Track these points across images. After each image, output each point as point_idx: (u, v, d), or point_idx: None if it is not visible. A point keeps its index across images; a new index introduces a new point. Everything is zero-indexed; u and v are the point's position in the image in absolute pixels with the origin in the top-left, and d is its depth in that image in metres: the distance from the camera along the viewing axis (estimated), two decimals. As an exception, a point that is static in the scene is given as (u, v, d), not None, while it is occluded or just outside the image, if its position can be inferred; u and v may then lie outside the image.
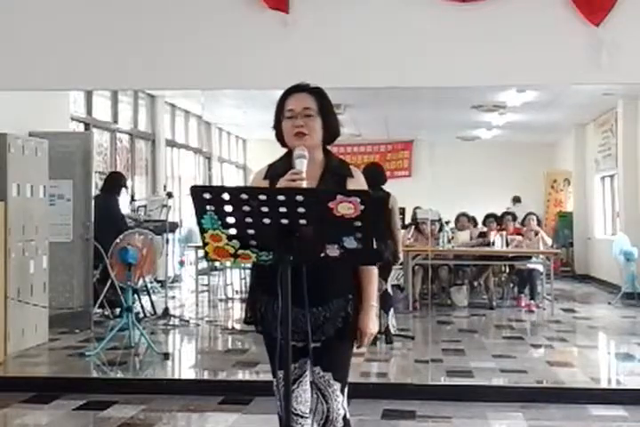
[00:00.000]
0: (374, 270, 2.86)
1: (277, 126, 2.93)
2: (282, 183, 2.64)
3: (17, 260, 6.79)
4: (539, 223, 10.78)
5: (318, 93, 2.91)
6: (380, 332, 7.16)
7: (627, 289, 10.71)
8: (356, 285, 2.84)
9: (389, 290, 7.51)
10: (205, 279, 11.36)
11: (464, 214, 11.69)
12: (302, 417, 2.90)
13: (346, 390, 2.87)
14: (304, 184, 2.61)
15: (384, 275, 7.06)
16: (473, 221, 11.81)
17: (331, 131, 2.90)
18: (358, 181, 2.87)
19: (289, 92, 2.92)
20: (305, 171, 2.66)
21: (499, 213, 11.36)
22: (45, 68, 5.73)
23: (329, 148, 2.98)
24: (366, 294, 2.84)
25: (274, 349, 2.81)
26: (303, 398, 2.89)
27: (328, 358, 2.84)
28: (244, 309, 2.95)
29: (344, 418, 2.85)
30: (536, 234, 10.33)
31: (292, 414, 2.81)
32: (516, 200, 14.45)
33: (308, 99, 2.87)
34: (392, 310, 7.51)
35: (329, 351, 2.82)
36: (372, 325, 2.84)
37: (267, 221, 2.32)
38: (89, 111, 10.11)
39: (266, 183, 2.81)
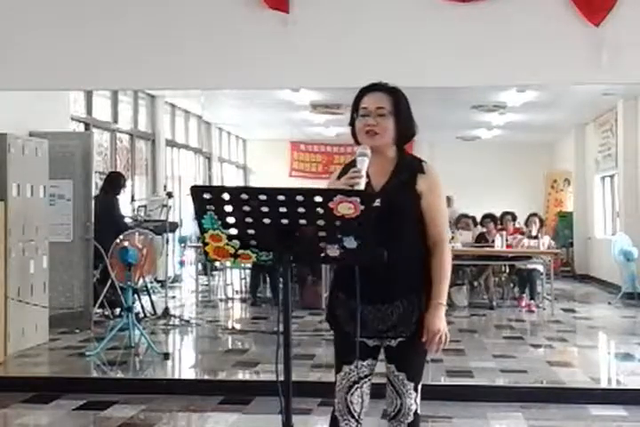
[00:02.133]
0: (447, 267, 2.82)
1: (352, 124, 2.93)
2: (342, 181, 2.68)
3: (17, 260, 6.79)
4: (541, 225, 10.77)
5: (394, 93, 2.91)
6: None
7: (627, 289, 10.71)
8: (427, 283, 2.81)
9: None
10: (205, 279, 11.37)
11: (465, 215, 11.69)
12: (355, 419, 2.88)
13: (419, 387, 2.89)
14: (362, 182, 2.63)
15: None
16: (473, 220, 11.83)
17: (404, 131, 2.89)
18: (430, 177, 2.86)
19: (365, 91, 2.94)
20: (365, 169, 2.69)
21: (497, 214, 11.36)
22: (45, 68, 5.73)
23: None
24: (435, 291, 2.79)
25: (343, 345, 2.86)
26: (361, 398, 2.87)
27: (402, 358, 2.85)
28: (326, 307, 2.98)
29: (415, 412, 2.88)
30: (535, 237, 10.33)
31: (346, 412, 2.86)
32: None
33: (383, 98, 2.88)
34: None
35: (403, 351, 2.84)
36: (438, 322, 2.77)
37: (267, 221, 2.32)
38: (89, 111, 10.12)
39: (339, 182, 2.79)
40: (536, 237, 10.30)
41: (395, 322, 2.78)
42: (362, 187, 2.63)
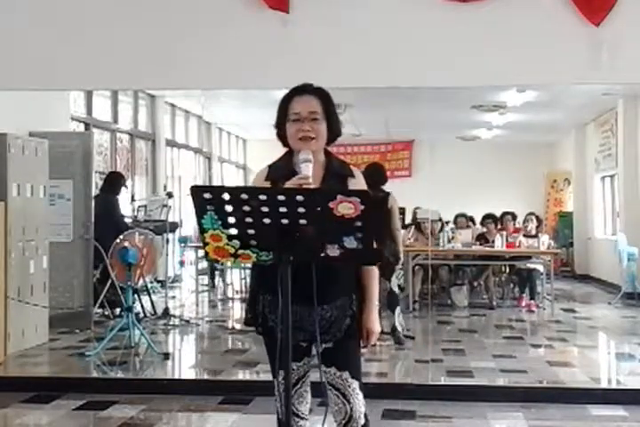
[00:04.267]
0: (375, 270, 2.88)
1: (280, 127, 2.89)
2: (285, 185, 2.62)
3: (17, 260, 6.79)
4: (539, 223, 10.78)
5: (323, 95, 2.89)
6: (386, 332, 7.14)
7: (627, 289, 10.71)
8: (358, 284, 2.87)
9: (395, 289, 7.48)
10: (205, 279, 11.37)
11: (462, 215, 11.68)
12: (302, 418, 2.91)
13: (361, 387, 2.88)
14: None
15: (386, 275, 7.05)
16: (472, 221, 11.82)
17: (334, 132, 2.90)
18: (359, 182, 2.89)
19: (293, 94, 2.88)
20: (311, 175, 2.65)
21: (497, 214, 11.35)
22: (45, 68, 5.73)
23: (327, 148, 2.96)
24: (369, 293, 2.87)
25: (275, 349, 2.80)
26: (305, 398, 2.91)
27: (342, 358, 2.85)
28: (245, 309, 2.96)
29: (364, 415, 2.87)
30: (535, 236, 10.33)
31: (292, 414, 2.82)
32: None
33: (314, 102, 2.85)
34: (398, 309, 7.49)
35: (341, 351, 2.84)
36: (377, 324, 2.88)
37: (267, 221, 2.32)
38: (89, 111, 10.11)
39: (267, 185, 2.80)
40: (534, 236, 10.31)
41: (329, 324, 2.79)
42: None
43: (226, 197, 2.31)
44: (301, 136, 2.80)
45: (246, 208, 2.30)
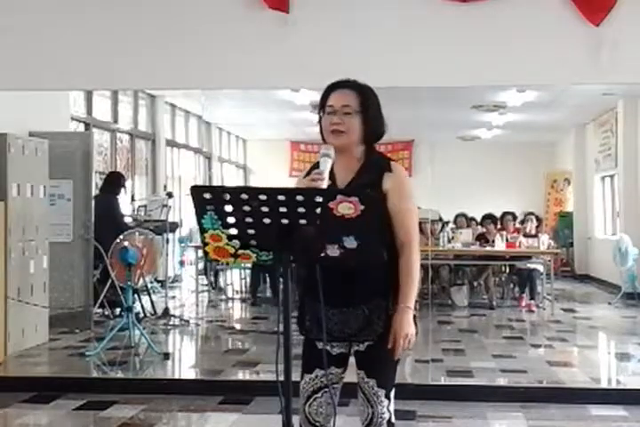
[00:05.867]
0: (413, 270, 2.72)
1: (320, 121, 2.87)
2: (304, 183, 2.64)
3: (17, 260, 6.79)
4: (539, 223, 10.77)
5: (362, 91, 2.84)
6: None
7: (627, 289, 10.70)
8: (396, 286, 2.72)
9: None
10: (205, 279, 11.37)
11: (462, 215, 11.69)
12: None
13: (392, 394, 2.81)
14: (324, 184, 2.59)
15: None
16: (473, 221, 11.82)
17: (371, 129, 2.82)
18: (397, 177, 2.78)
19: (332, 88, 2.87)
20: (327, 171, 2.64)
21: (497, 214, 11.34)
22: (45, 68, 5.72)
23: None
24: (401, 294, 2.69)
25: (305, 352, 2.81)
26: (324, 409, 2.79)
27: (371, 364, 2.76)
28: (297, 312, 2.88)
29: (388, 421, 2.80)
30: (535, 236, 10.33)
31: (306, 422, 2.80)
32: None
33: (350, 96, 2.81)
34: None
35: (372, 357, 2.75)
36: (406, 326, 2.67)
37: (267, 221, 2.32)
38: (89, 111, 10.12)
39: (305, 181, 2.75)
40: (534, 236, 10.31)
41: (360, 326, 2.70)
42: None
43: (226, 197, 2.31)
44: (332, 129, 2.78)
45: (246, 208, 2.30)
